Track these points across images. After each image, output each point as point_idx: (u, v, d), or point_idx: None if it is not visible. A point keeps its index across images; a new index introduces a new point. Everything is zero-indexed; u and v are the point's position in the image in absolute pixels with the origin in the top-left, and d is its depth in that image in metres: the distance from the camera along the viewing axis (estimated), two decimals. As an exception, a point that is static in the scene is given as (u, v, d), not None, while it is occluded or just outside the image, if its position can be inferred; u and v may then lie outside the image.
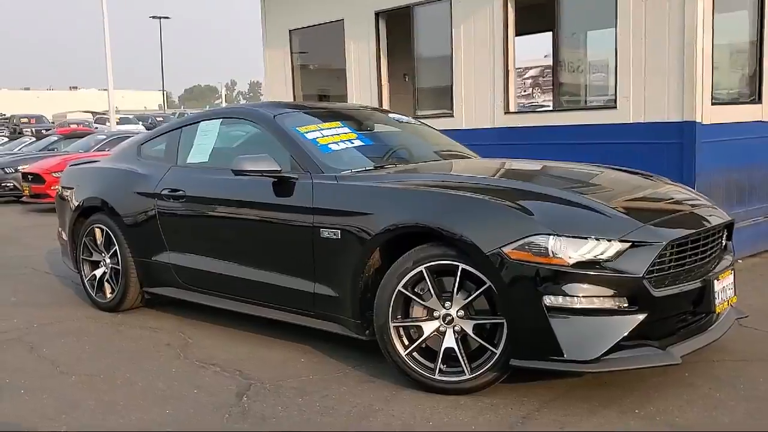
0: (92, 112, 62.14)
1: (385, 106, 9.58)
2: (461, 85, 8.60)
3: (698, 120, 6.59)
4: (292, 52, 11.12)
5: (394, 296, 3.86)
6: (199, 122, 5.44)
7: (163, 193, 5.24)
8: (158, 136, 5.79)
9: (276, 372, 4.27)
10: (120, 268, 5.57)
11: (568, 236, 3.47)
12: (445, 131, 6.30)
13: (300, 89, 11.28)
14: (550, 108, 8.64)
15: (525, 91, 29.23)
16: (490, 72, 8.26)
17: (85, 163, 6.57)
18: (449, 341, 3.77)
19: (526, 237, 3.48)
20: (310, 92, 11.83)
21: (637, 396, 3.71)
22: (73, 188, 6.12)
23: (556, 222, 3.53)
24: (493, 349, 3.67)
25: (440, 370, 3.78)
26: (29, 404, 3.89)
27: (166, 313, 5.66)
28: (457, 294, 3.74)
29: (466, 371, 3.72)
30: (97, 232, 5.75)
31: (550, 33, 10.70)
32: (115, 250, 5.59)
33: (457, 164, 5.15)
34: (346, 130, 5.00)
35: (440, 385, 3.78)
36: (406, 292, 3.85)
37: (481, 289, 3.67)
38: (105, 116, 48.07)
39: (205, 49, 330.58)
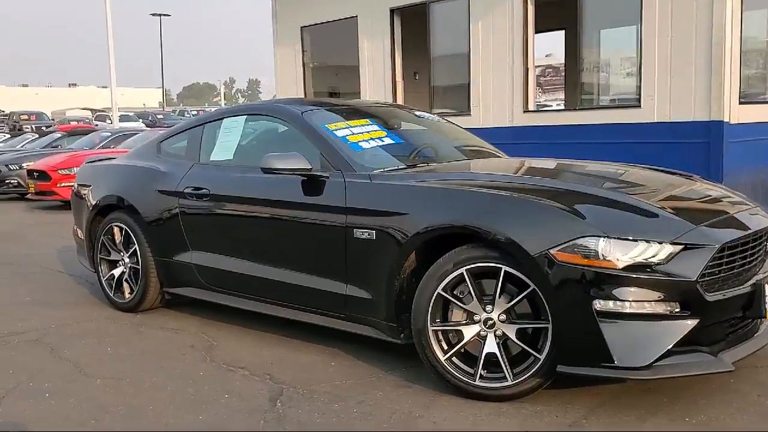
0: (91, 109, 62.02)
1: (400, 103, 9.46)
2: (479, 83, 8.48)
3: (726, 119, 6.48)
4: (303, 50, 11.00)
5: (433, 299, 3.74)
6: (222, 119, 5.32)
7: (185, 191, 5.12)
8: (179, 133, 5.67)
9: (306, 376, 4.15)
10: (139, 267, 5.45)
11: (619, 238, 3.35)
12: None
13: (311, 87, 11.16)
14: (563, 107, 8.51)
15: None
16: (509, 70, 8.16)
17: (101, 160, 6.43)
18: (491, 346, 3.66)
19: (576, 239, 3.36)
20: (321, 90, 11.73)
21: (684, 403, 3.60)
22: (90, 186, 5.99)
23: (606, 223, 3.41)
24: (537, 355, 3.55)
25: (481, 375, 3.66)
26: (56, 408, 3.77)
27: (185, 314, 5.54)
28: (499, 297, 3.62)
29: (508, 377, 3.61)
30: (116, 230, 5.63)
31: (556, 32, 10.65)
32: (135, 249, 5.47)
33: (492, 163, 5.03)
34: (375, 127, 4.88)
35: (480, 391, 3.67)
36: (446, 295, 3.73)
37: (525, 293, 3.55)
38: (105, 113, 47.93)
39: (204, 47, 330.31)
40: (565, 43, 11.49)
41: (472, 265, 3.64)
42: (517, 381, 3.60)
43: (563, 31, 11.34)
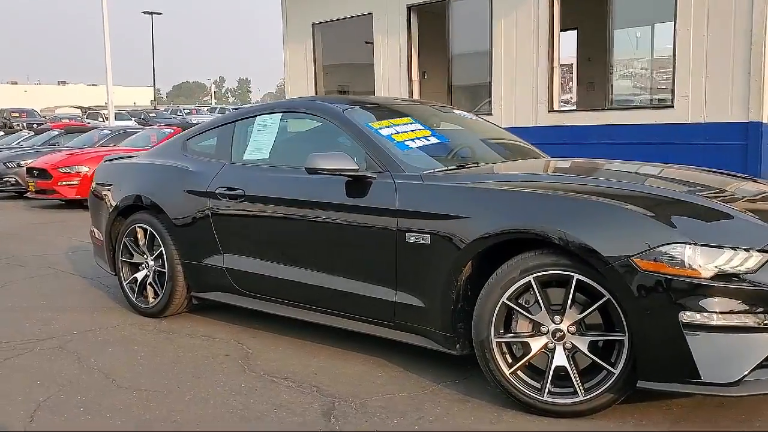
0: (81, 107, 61.44)
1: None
2: (500, 82, 8.28)
3: (765, 121, 6.29)
4: (314, 47, 10.77)
5: (497, 309, 3.52)
6: (255, 116, 5.08)
7: (217, 192, 4.88)
8: (207, 131, 5.42)
9: (356, 388, 3.93)
10: (165, 271, 5.20)
11: (706, 245, 3.14)
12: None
13: (322, 84, 10.93)
14: (603, 107, 8.31)
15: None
16: (533, 68, 7.96)
17: (120, 158, 6.18)
18: (560, 359, 3.44)
19: (660, 246, 3.15)
20: (331, 88, 11.51)
21: (766, 420, 3.39)
22: (111, 185, 5.74)
23: (692, 229, 3.20)
24: (611, 369, 3.34)
25: (549, 391, 3.45)
26: (95, 425, 3.53)
27: (214, 320, 5.31)
28: (570, 308, 3.40)
29: (579, 392, 3.39)
30: (140, 232, 5.39)
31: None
32: (161, 251, 5.23)
33: (549, 164, 4.82)
34: (419, 126, 4.66)
35: (549, 407, 3.45)
36: (512, 305, 3.52)
37: (599, 303, 3.34)
38: (97, 111, 47.48)
39: (193, 46, 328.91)
40: (577, 42, 11.33)
41: (541, 273, 3.43)
42: (588, 396, 3.38)
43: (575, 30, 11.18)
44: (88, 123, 37.29)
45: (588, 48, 10.43)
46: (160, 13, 62.11)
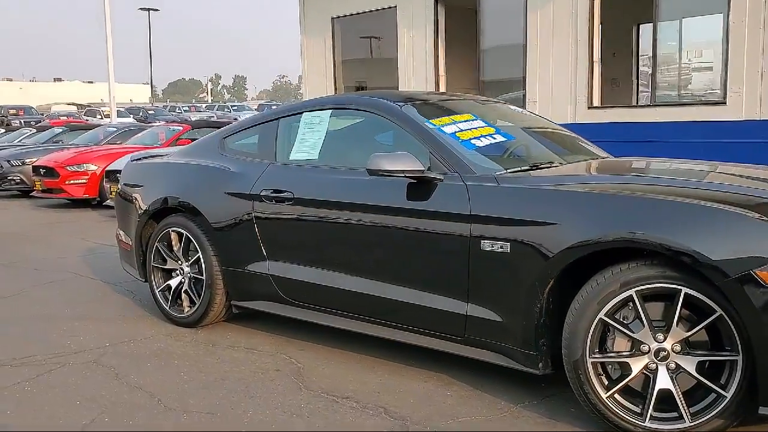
0: (77, 105, 60.96)
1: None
2: (535, 78, 7.95)
3: (827, 118, 5.97)
4: (334, 41, 10.42)
5: (593, 326, 3.20)
6: (301, 113, 4.74)
7: (262, 194, 4.54)
8: (246, 128, 5.08)
9: (426, 409, 3.60)
10: (203, 278, 4.86)
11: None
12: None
13: (341, 80, 10.59)
14: (648, 103, 7.98)
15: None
16: (571, 63, 7.63)
17: (148, 157, 5.83)
18: (664, 381, 3.12)
19: (789, 257, 2.82)
20: (349, 84, 11.16)
21: None
22: (141, 186, 5.40)
23: None
24: (722, 392, 3.02)
25: (651, 416, 3.12)
26: (149, 453, 3.19)
27: (254, 330, 4.98)
28: (676, 325, 3.07)
29: (685, 417, 3.07)
30: (174, 236, 5.04)
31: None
32: (198, 257, 4.89)
33: (631, 164, 4.49)
34: (481, 123, 4.33)
35: (651, 433, 3.12)
36: (610, 322, 3.18)
37: (710, 319, 3.01)
38: (95, 108, 47.04)
39: (189, 43, 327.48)
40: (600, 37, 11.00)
41: (645, 287, 3.10)
42: (696, 422, 3.06)
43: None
44: (87, 120, 36.92)
45: (613, 43, 10.08)
46: (157, 10, 61.54)
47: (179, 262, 5.06)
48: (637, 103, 10.38)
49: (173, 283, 5.11)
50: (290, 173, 4.53)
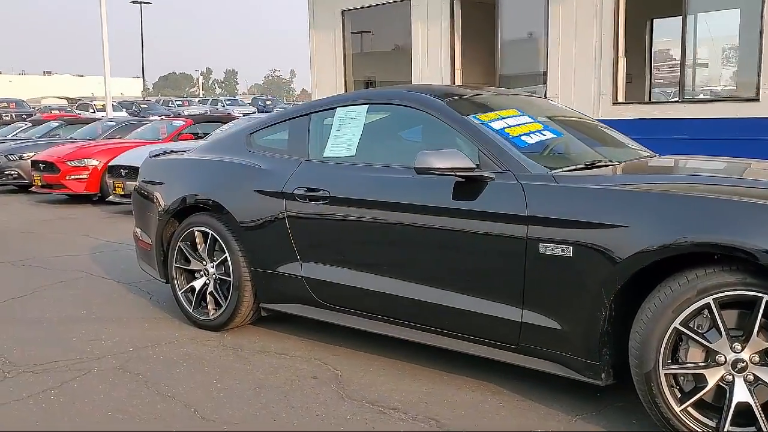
0: (67, 98, 60.43)
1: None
2: (557, 72, 7.76)
3: None
4: (344, 35, 10.20)
5: (667, 335, 3.01)
6: (334, 108, 4.53)
7: (295, 192, 4.34)
8: (275, 124, 4.87)
9: (479, 421, 3.42)
10: (230, 279, 4.66)
11: None
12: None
13: (351, 74, 10.37)
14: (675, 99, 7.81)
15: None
16: (595, 58, 7.45)
17: (167, 153, 5.61)
18: (741, 394, 2.94)
19: None
20: (358, 78, 10.94)
21: None
22: (161, 184, 5.18)
23: None
24: (807, 407, 2.84)
25: (728, 430, 2.94)
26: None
27: (281, 333, 4.78)
28: (757, 335, 2.89)
29: (765, 432, 2.88)
30: (198, 236, 4.84)
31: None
32: (225, 258, 4.68)
33: (691, 162, 4.30)
34: (527, 119, 4.14)
35: (728, 449, 2.94)
36: (685, 331, 3.00)
37: (794, 329, 2.83)
38: (87, 102, 46.59)
39: (180, 37, 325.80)
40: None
41: (723, 294, 2.92)
42: (777, 438, 2.87)
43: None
44: (80, 114, 36.55)
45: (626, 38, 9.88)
46: (149, 2, 61.10)
47: (204, 262, 4.85)
48: (650, 99, 10.20)
49: (197, 284, 4.90)
50: (325, 171, 4.33)
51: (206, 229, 4.77)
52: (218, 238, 4.70)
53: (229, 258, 4.65)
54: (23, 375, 4.08)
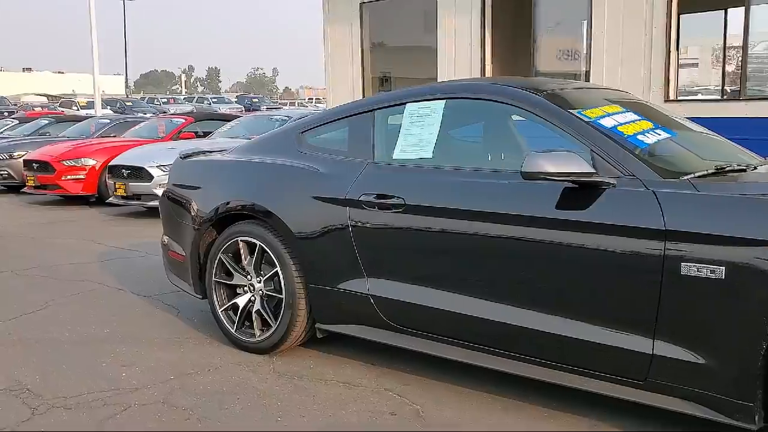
0: (48, 95, 59.41)
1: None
2: (601, 68, 7.26)
3: None
4: (362, 29, 9.64)
5: None
6: (404, 103, 3.99)
7: (362, 199, 3.79)
8: (331, 122, 4.32)
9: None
10: (282, 296, 4.11)
11: None
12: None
13: (369, 70, 9.82)
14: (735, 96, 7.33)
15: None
16: (645, 53, 6.96)
17: (198, 154, 5.04)
18: None
19: None
20: (375, 74, 10.39)
21: None
22: (198, 188, 4.62)
23: None
24: None
25: None
26: None
27: (336, 356, 4.25)
28: None
29: None
30: (243, 247, 4.28)
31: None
32: (275, 272, 4.13)
33: None
34: (635, 116, 3.63)
35: None
36: None
37: None
38: (69, 99, 45.72)
39: (161, 34, 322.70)
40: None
41: None
42: None
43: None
44: (63, 112, 35.79)
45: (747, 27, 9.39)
46: (132, -1, 60.00)
47: (249, 277, 4.30)
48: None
49: (241, 301, 4.35)
50: (397, 175, 3.79)
51: (253, 240, 4.21)
52: (268, 249, 4.15)
53: (280, 272, 4.10)
54: (54, 411, 3.51)
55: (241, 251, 4.30)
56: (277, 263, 4.12)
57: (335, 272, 3.94)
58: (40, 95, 60.20)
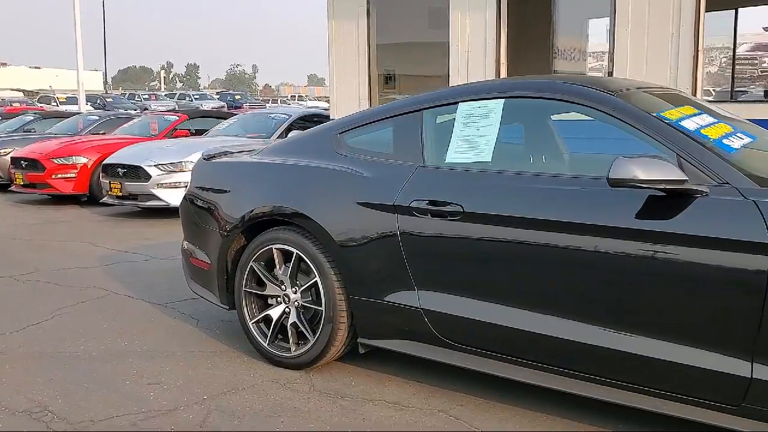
0: (24, 91, 58.54)
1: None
2: (625, 68, 7.03)
3: None
4: (369, 25, 9.36)
5: None
6: (456, 102, 3.72)
7: (413, 205, 3.52)
8: (372, 122, 4.04)
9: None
10: (321, 308, 3.83)
11: None
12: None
13: (376, 67, 9.54)
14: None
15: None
16: (671, 52, 6.72)
17: (223, 155, 4.73)
18: None
19: None
20: (381, 72, 10.12)
21: None
22: (226, 192, 4.32)
23: None
24: None
25: None
26: None
27: (377, 372, 3.99)
28: None
29: None
30: (278, 255, 4.00)
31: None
32: (314, 282, 3.85)
33: None
34: (710, 118, 3.38)
35: None
36: None
37: None
38: (48, 95, 45.02)
39: (139, 29, 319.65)
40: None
41: None
42: None
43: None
44: (43, 107, 35.18)
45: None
46: (112, -7, 59.16)
47: (283, 287, 4.02)
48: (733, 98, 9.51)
49: (274, 313, 4.06)
50: (453, 180, 3.52)
51: (290, 248, 3.92)
52: (305, 258, 3.87)
53: (320, 282, 3.82)
54: (83, 438, 3.20)
55: (276, 259, 4.02)
56: (316, 273, 3.84)
57: (381, 284, 3.67)
58: (15, 90, 59.31)
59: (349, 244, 3.72)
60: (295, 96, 70.22)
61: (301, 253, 3.89)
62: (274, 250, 4.01)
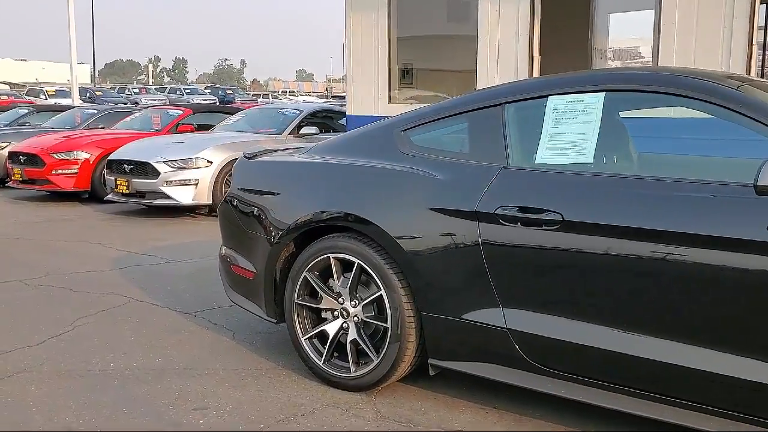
0: (9, 84, 57.75)
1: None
2: (670, 64, 6.64)
3: None
4: (389, 18, 8.95)
5: None
6: (545, 95, 3.32)
7: (499, 213, 3.13)
8: (442, 118, 3.63)
9: None
10: (387, 325, 3.44)
11: None
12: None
13: (396, 61, 9.14)
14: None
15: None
16: (723, 46, 6.36)
17: (266, 153, 4.32)
18: None
19: None
20: (400, 66, 9.71)
21: None
22: (275, 194, 3.92)
23: None
24: None
25: None
26: None
27: (443, 395, 3.62)
28: None
29: None
30: (336, 265, 3.60)
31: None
32: (379, 295, 3.47)
33: None
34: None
35: None
36: None
37: None
38: (37, 88, 44.33)
39: (127, 22, 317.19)
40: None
41: None
42: None
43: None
44: (32, 101, 34.62)
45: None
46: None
47: (341, 300, 3.62)
48: None
49: (330, 329, 3.66)
50: (548, 183, 3.12)
51: (350, 257, 3.52)
52: (369, 268, 3.47)
53: (386, 296, 3.43)
54: (133, 478, 2.79)
55: (333, 269, 3.62)
56: (381, 286, 3.44)
57: (458, 299, 3.28)
58: (2, 83, 58.53)
59: (420, 255, 3.33)
60: (286, 91, 69.62)
61: (364, 264, 3.49)
62: (332, 259, 3.61)
